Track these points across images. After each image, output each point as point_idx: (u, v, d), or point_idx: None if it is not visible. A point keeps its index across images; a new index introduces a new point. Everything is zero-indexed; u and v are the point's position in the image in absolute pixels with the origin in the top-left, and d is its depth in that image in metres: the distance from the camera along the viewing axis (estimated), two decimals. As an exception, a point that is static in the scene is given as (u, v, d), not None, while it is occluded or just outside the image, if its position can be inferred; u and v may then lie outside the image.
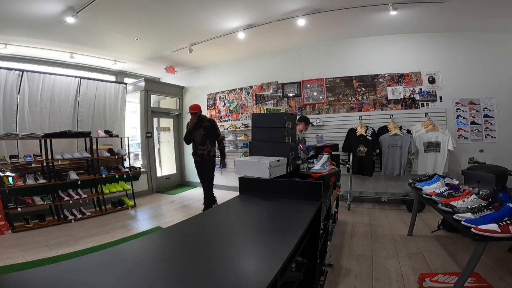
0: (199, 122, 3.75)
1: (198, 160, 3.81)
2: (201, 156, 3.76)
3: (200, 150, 3.75)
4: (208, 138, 3.76)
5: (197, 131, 3.74)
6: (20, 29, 3.58)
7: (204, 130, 3.73)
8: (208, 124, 3.79)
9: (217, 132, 3.85)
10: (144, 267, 0.75)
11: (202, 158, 3.76)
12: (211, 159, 3.82)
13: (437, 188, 2.34)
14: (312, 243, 1.65)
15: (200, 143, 3.74)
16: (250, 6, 3.50)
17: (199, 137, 3.73)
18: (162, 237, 1.00)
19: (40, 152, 3.78)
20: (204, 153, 3.74)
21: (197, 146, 3.77)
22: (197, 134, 3.74)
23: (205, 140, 3.74)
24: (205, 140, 3.74)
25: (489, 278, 1.93)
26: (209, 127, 3.78)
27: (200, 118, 3.77)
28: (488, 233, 1.40)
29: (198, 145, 3.75)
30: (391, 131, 4.07)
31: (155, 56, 5.26)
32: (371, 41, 4.49)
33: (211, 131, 3.78)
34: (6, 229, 3.29)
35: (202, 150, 3.74)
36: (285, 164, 2.08)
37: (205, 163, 3.78)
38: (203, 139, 3.73)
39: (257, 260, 0.79)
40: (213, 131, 3.81)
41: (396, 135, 4.02)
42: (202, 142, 3.73)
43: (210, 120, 3.91)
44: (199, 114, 3.76)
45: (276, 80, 5.24)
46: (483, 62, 3.99)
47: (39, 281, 0.69)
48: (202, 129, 3.73)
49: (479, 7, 3.33)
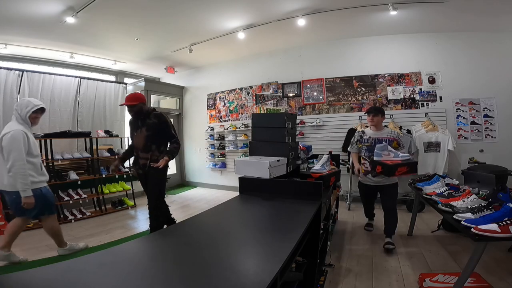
0: (139, 118, 2.66)
1: (141, 174, 2.71)
2: (143, 167, 2.64)
3: (142, 159, 2.65)
4: (154, 141, 2.63)
5: (137, 132, 2.67)
6: (20, 29, 3.58)
7: (147, 130, 2.62)
8: (154, 121, 2.64)
9: (169, 132, 2.70)
10: (144, 267, 0.75)
11: (144, 170, 2.64)
12: (157, 173, 2.60)
13: (437, 188, 2.34)
14: (312, 243, 1.65)
15: (142, 148, 2.64)
16: (250, 6, 3.50)
17: (141, 140, 2.64)
18: (162, 237, 1.00)
19: (40, 152, 3.77)
20: (147, 163, 2.62)
21: (138, 153, 2.68)
22: (138, 136, 2.67)
23: (149, 144, 2.62)
24: (148, 144, 2.62)
25: (489, 278, 1.93)
26: (155, 126, 2.63)
27: (141, 112, 2.65)
28: (488, 233, 1.40)
29: (139, 152, 2.66)
30: (391, 131, 4.06)
31: (155, 56, 5.26)
32: (371, 41, 4.49)
33: (158, 130, 2.64)
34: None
35: (144, 159, 2.63)
36: (285, 164, 2.08)
37: (150, 177, 2.65)
38: (146, 143, 2.62)
39: (257, 260, 0.79)
40: (162, 131, 2.67)
41: (396, 135, 4.01)
42: (145, 147, 2.63)
43: (157, 116, 2.68)
44: (138, 107, 2.62)
45: (276, 80, 5.24)
46: (483, 62, 3.99)
47: (39, 281, 0.69)
48: (144, 128, 2.63)
49: (479, 7, 3.33)
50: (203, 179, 6.29)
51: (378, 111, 2.77)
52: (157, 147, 2.65)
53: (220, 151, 5.84)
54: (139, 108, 2.63)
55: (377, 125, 2.75)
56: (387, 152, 2.38)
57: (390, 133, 2.73)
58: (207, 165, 6.06)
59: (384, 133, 2.73)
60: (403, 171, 2.30)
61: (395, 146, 2.61)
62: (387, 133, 2.72)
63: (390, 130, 2.80)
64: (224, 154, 5.82)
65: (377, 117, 2.73)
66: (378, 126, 2.76)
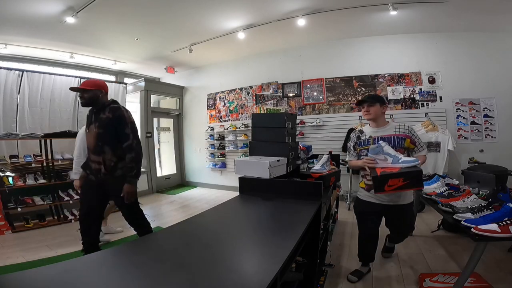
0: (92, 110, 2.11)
1: (92, 180, 2.08)
2: (95, 173, 2.05)
3: (93, 162, 2.06)
4: (106, 141, 2.02)
5: (89, 128, 2.10)
6: (20, 29, 3.58)
7: (99, 127, 2.02)
8: (108, 116, 2.01)
9: (123, 130, 2.03)
10: (144, 267, 0.75)
11: (98, 177, 2.05)
12: (116, 182, 2.02)
13: (437, 188, 2.34)
14: (312, 243, 1.65)
15: (93, 149, 2.06)
16: (250, 6, 3.50)
17: (91, 139, 2.06)
18: (162, 237, 1.00)
19: (40, 152, 3.78)
20: (101, 169, 2.02)
21: (89, 155, 2.12)
22: (89, 134, 2.10)
23: (99, 144, 2.03)
24: (99, 144, 2.03)
25: (489, 278, 1.93)
26: (108, 121, 2.01)
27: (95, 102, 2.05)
28: (488, 233, 1.40)
29: (90, 153, 2.10)
30: (391, 131, 4.04)
31: (155, 56, 5.26)
32: (371, 41, 4.49)
33: (111, 128, 2.02)
34: (6, 229, 3.29)
35: (96, 164, 2.04)
36: (285, 164, 2.08)
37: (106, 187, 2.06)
38: (97, 143, 2.03)
39: (257, 260, 0.79)
40: (115, 129, 2.02)
41: (396, 135, 3.99)
42: (96, 148, 2.04)
43: (113, 109, 2.04)
44: (91, 94, 2.03)
45: (276, 80, 5.24)
46: (484, 62, 3.99)
47: (39, 281, 0.69)
48: (96, 124, 2.04)
49: (479, 7, 3.32)
50: (203, 179, 6.29)
51: (375, 99, 2.00)
52: (112, 150, 2.02)
53: (220, 151, 5.84)
54: (92, 95, 2.02)
55: (376, 119, 1.98)
56: (382, 156, 1.74)
57: (399, 127, 1.96)
58: (207, 165, 6.06)
59: (389, 129, 1.97)
60: (397, 185, 1.60)
61: (409, 147, 1.93)
62: (394, 129, 1.96)
63: (398, 124, 2.00)
64: (224, 154, 5.82)
65: (373, 106, 1.95)
66: (379, 120, 1.99)
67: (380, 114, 1.98)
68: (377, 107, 1.96)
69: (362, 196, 2.07)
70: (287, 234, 1.00)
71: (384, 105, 2.00)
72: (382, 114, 2.00)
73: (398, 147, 1.87)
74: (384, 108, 1.99)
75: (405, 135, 1.91)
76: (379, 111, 1.97)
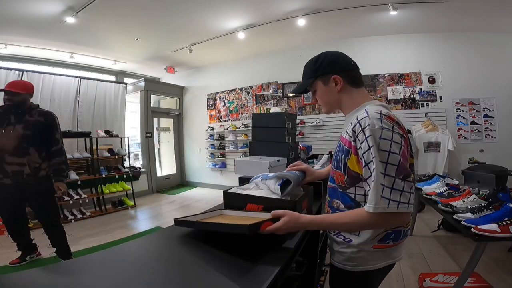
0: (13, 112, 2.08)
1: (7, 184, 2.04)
2: (15, 176, 2.04)
3: (12, 164, 2.03)
4: (33, 143, 2.09)
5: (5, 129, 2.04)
6: (20, 29, 3.58)
7: (25, 129, 2.06)
8: (39, 120, 2.12)
9: (55, 135, 2.18)
10: (144, 267, 0.75)
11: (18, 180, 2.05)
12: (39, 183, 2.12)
13: (437, 188, 2.34)
14: (312, 243, 1.64)
15: (12, 151, 2.03)
16: (250, 6, 3.50)
17: (11, 140, 2.02)
18: (162, 237, 1.00)
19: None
20: (23, 171, 2.04)
21: (4, 157, 2.03)
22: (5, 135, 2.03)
23: (25, 146, 2.05)
24: (24, 146, 2.05)
25: (489, 278, 1.93)
26: (39, 125, 2.11)
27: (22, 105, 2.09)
28: (488, 233, 1.40)
29: (6, 155, 2.03)
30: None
31: (155, 56, 5.26)
32: (371, 41, 4.49)
33: (43, 132, 2.13)
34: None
35: (17, 166, 2.04)
36: (285, 164, 2.08)
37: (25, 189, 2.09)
38: (21, 145, 2.04)
39: (257, 260, 0.79)
40: (47, 133, 2.15)
41: (396, 135, 3.99)
42: (19, 149, 2.04)
43: (45, 114, 2.18)
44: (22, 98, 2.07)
45: (276, 80, 5.24)
46: (483, 62, 3.99)
47: (39, 281, 0.69)
48: (21, 125, 2.06)
49: (479, 7, 3.32)
50: (203, 179, 6.29)
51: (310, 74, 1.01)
52: (38, 152, 2.09)
53: (220, 151, 5.84)
54: (22, 99, 2.08)
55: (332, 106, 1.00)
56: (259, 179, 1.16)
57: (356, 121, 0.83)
58: (207, 165, 6.06)
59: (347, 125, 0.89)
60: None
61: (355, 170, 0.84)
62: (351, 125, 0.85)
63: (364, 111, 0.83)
64: (224, 154, 5.82)
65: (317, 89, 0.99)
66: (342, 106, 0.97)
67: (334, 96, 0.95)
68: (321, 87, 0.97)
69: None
70: (287, 234, 1.00)
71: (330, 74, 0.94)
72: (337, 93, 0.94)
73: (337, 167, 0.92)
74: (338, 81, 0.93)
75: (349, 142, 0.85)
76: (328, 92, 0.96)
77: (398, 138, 0.78)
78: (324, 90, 0.97)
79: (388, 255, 0.91)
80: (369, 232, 0.88)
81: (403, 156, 0.76)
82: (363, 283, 0.94)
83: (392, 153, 0.75)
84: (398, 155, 0.75)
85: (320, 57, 0.99)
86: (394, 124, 0.79)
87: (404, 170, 0.76)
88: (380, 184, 0.75)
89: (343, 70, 0.94)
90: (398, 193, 0.74)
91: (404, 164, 0.76)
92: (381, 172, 0.75)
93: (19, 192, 2.09)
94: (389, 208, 0.74)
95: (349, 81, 0.94)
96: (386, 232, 0.88)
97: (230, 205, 1.16)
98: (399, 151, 0.76)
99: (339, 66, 0.95)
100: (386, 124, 0.78)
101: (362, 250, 0.89)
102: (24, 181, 2.07)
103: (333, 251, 1.00)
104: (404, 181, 0.75)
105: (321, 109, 1.38)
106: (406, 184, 0.75)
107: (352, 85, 0.95)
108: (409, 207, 0.75)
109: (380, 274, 0.95)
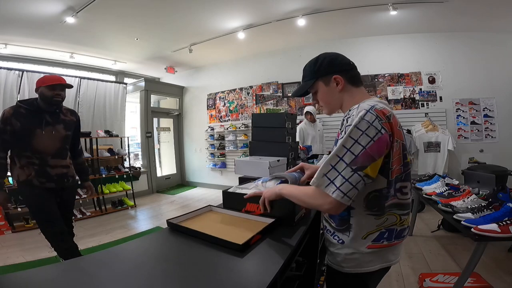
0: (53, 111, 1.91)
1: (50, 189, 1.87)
2: (59, 180, 1.91)
3: (57, 167, 1.90)
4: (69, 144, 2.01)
5: (45, 129, 1.84)
6: (20, 29, 3.58)
7: (66, 129, 1.96)
8: (72, 119, 2.02)
9: (79, 133, 2.16)
10: (144, 267, 0.75)
11: (63, 184, 1.94)
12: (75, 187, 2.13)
13: (437, 188, 2.34)
14: (312, 243, 1.64)
15: (55, 153, 1.89)
16: (250, 6, 3.50)
17: (56, 142, 1.90)
18: (162, 237, 1.00)
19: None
20: (68, 174, 1.98)
21: (46, 160, 1.85)
22: (48, 136, 1.85)
23: (66, 147, 1.98)
24: (65, 147, 1.97)
25: (489, 278, 1.93)
26: (73, 125, 2.03)
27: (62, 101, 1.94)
28: (488, 233, 1.40)
29: (48, 158, 1.86)
30: (391, 131, 4.03)
31: (155, 56, 5.26)
32: (371, 41, 4.49)
33: (75, 131, 2.06)
34: (6, 229, 3.29)
35: (61, 168, 1.93)
36: (285, 164, 2.08)
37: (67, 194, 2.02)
38: (64, 146, 1.95)
39: (257, 260, 0.79)
40: (76, 132, 2.08)
41: (396, 135, 3.99)
42: (61, 151, 1.94)
43: (73, 112, 2.08)
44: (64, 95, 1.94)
45: (276, 80, 5.24)
46: (483, 62, 3.99)
47: (39, 281, 0.69)
48: (61, 125, 1.93)
49: (479, 7, 3.32)
50: (203, 179, 6.29)
51: (311, 75, 1.02)
52: (70, 153, 2.04)
53: (220, 151, 5.84)
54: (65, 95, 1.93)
55: (330, 108, 1.02)
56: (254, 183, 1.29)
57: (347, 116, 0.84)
58: (207, 165, 6.06)
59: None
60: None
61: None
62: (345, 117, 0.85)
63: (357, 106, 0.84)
64: (224, 154, 5.82)
65: (318, 91, 1.00)
66: (343, 106, 0.97)
67: (335, 96, 0.96)
68: (322, 88, 0.98)
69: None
70: (287, 234, 1.00)
71: (331, 74, 0.95)
72: (338, 93, 0.95)
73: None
74: (339, 81, 0.94)
75: (339, 134, 0.85)
76: (330, 92, 0.96)
77: (373, 132, 0.76)
78: (325, 91, 0.98)
79: (384, 257, 0.91)
80: (357, 229, 0.87)
81: (370, 149, 0.75)
82: (358, 285, 0.93)
83: (357, 143, 0.75)
84: (362, 147, 0.75)
85: (319, 58, 1.00)
86: (379, 119, 0.77)
87: (361, 163, 0.75)
88: (330, 164, 0.77)
89: (343, 70, 0.96)
90: (341, 180, 0.75)
91: (364, 158, 0.75)
92: (337, 155, 0.77)
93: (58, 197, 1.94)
94: (326, 189, 0.77)
95: (349, 81, 0.95)
96: (380, 231, 0.87)
97: (230, 205, 1.16)
98: (366, 144, 0.75)
99: (338, 66, 0.96)
100: (368, 116, 0.77)
101: (357, 251, 0.88)
102: (69, 183, 1.98)
103: (329, 252, 0.99)
104: (355, 172, 0.74)
105: (322, 110, 1.34)
106: (354, 176, 0.74)
107: (352, 85, 0.96)
108: (343, 197, 0.74)
109: (375, 276, 0.94)
